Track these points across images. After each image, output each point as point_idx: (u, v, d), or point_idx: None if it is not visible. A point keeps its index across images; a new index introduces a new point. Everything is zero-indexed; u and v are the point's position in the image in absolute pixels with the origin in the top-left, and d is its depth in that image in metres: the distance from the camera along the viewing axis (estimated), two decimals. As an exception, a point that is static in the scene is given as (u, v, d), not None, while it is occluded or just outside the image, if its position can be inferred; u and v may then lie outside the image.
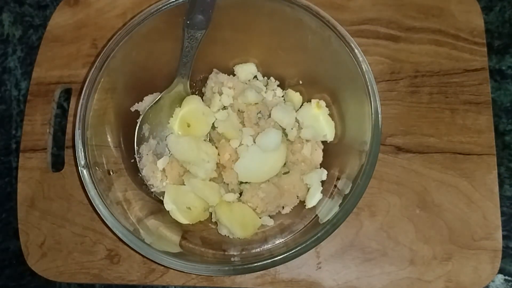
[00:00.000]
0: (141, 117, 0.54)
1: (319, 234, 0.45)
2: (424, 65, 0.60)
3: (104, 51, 0.50)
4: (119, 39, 0.50)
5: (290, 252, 0.45)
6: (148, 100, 0.56)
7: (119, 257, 0.57)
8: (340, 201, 0.47)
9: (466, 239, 0.54)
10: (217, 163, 0.54)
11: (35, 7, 0.70)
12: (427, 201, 0.55)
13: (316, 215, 0.52)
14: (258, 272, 0.55)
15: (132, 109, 0.55)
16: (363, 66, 0.48)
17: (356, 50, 0.48)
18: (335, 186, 0.53)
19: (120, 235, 0.47)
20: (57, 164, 0.61)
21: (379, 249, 0.55)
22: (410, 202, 0.56)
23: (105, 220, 0.47)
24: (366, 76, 0.48)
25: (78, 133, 0.48)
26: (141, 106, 0.55)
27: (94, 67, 0.50)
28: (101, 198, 0.47)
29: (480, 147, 0.57)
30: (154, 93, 0.56)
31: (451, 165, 0.56)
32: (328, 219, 0.46)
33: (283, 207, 0.55)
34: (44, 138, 0.61)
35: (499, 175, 0.56)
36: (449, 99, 0.58)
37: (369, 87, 0.47)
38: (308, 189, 0.54)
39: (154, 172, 0.54)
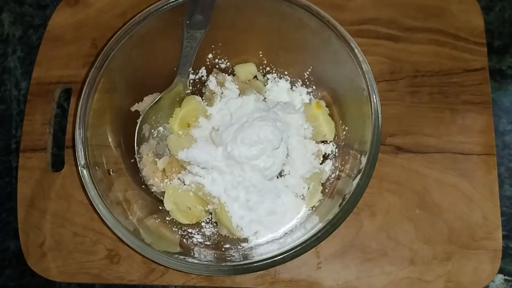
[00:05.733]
0: (141, 117, 0.54)
1: (319, 234, 0.45)
2: (424, 65, 0.60)
3: (104, 51, 0.50)
4: (119, 39, 0.50)
5: (290, 252, 0.45)
6: (148, 100, 0.56)
7: (119, 257, 0.57)
8: (340, 201, 0.47)
9: (466, 239, 0.54)
10: None
11: (35, 7, 0.70)
12: (427, 201, 0.55)
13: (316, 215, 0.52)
14: (258, 272, 0.55)
15: (132, 109, 0.55)
16: (363, 66, 0.48)
17: (356, 50, 0.48)
18: (335, 186, 0.53)
19: (120, 235, 0.47)
20: (57, 164, 0.61)
21: (379, 249, 0.55)
22: (410, 202, 0.56)
23: (105, 220, 0.47)
24: (366, 76, 0.48)
25: (78, 133, 0.48)
26: (141, 106, 0.55)
27: (94, 67, 0.50)
28: (101, 198, 0.47)
29: (480, 147, 0.56)
30: (154, 93, 0.56)
31: (451, 165, 0.56)
32: (328, 219, 0.46)
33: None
34: (44, 138, 0.61)
35: (499, 175, 0.56)
36: (449, 99, 0.58)
37: (369, 87, 0.47)
38: (308, 189, 0.54)
39: (154, 172, 0.54)
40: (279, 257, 0.45)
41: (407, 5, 0.62)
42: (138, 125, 0.54)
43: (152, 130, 0.56)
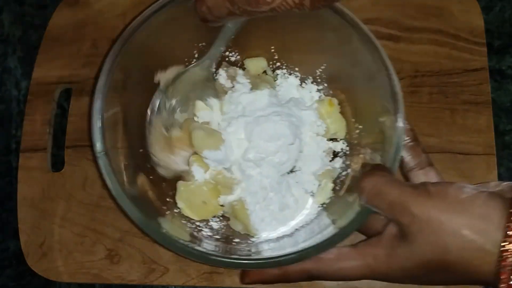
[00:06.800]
0: (160, 86, 0.51)
1: (334, 238, 0.42)
2: (424, 65, 0.60)
3: (122, 35, 0.48)
4: (138, 25, 0.48)
5: (304, 251, 0.43)
6: (172, 71, 0.53)
7: (119, 257, 0.57)
8: (355, 204, 0.45)
9: (466, 239, 0.54)
10: None
11: (35, 7, 0.70)
12: (427, 201, 0.55)
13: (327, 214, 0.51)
14: (258, 272, 0.55)
15: (156, 79, 0.52)
16: (388, 66, 0.47)
17: (381, 51, 0.47)
18: (346, 184, 0.52)
19: (137, 222, 0.43)
20: (57, 164, 0.61)
21: (379, 249, 0.55)
22: (410, 202, 0.55)
23: (121, 206, 0.44)
24: (391, 78, 0.46)
25: (96, 121, 0.45)
26: (164, 77, 0.52)
27: (108, 56, 0.47)
28: (117, 185, 0.44)
29: (480, 147, 0.56)
30: (177, 65, 0.53)
31: (451, 165, 0.56)
32: (343, 225, 0.43)
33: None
34: (44, 138, 0.61)
35: (499, 175, 0.56)
36: (449, 99, 0.58)
37: (393, 86, 0.46)
38: (319, 185, 0.53)
39: (163, 149, 0.52)
40: (293, 255, 0.42)
41: (407, 5, 0.62)
42: (157, 94, 0.52)
43: (166, 102, 0.53)
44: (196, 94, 0.54)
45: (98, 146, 0.45)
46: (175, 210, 0.53)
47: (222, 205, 0.53)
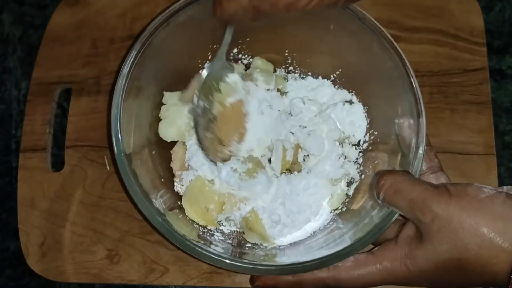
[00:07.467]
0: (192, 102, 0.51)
1: (348, 249, 0.42)
2: (424, 65, 0.60)
3: (142, 36, 0.48)
4: (157, 25, 0.48)
5: (318, 262, 0.42)
6: (194, 84, 0.53)
7: (119, 257, 0.57)
8: (369, 208, 0.45)
9: (466, 239, 0.54)
10: None
11: (35, 7, 0.70)
12: (427, 201, 0.55)
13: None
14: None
15: (181, 101, 0.53)
16: (410, 71, 0.46)
17: (403, 57, 0.47)
18: (360, 190, 0.52)
19: (154, 223, 0.44)
20: (57, 164, 0.61)
21: (379, 249, 0.55)
22: (410, 202, 0.55)
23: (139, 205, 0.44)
24: (415, 89, 0.46)
25: (115, 121, 0.46)
26: (190, 95, 0.52)
27: (129, 55, 0.47)
28: (135, 184, 0.45)
29: (480, 147, 0.56)
30: (195, 76, 0.53)
31: (451, 165, 0.56)
32: (360, 237, 0.43)
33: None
34: (44, 138, 0.61)
35: (499, 175, 0.56)
36: (449, 99, 0.58)
37: (415, 93, 0.46)
38: (333, 190, 0.53)
39: (216, 148, 0.52)
40: (311, 262, 0.42)
41: (407, 5, 0.62)
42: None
43: (198, 108, 0.52)
44: (215, 83, 0.52)
45: (118, 147, 0.45)
46: (187, 214, 0.52)
47: (219, 222, 0.53)
